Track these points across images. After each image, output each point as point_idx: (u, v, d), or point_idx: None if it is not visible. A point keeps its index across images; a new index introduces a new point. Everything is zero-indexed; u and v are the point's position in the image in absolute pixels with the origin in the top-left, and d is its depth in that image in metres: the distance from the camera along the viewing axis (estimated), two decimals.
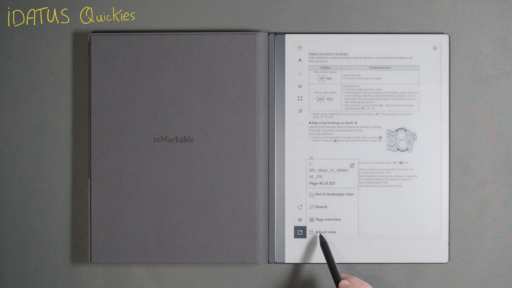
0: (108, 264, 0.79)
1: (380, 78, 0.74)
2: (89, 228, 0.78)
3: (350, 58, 0.74)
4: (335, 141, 0.76)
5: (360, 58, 0.74)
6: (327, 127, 0.76)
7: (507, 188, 0.80)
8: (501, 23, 0.81)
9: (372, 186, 0.77)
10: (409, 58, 0.77)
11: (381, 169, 0.77)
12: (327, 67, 0.73)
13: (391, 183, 0.76)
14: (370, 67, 0.74)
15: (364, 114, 0.76)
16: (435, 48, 0.78)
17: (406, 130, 0.76)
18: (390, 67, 0.75)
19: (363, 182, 0.78)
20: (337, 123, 0.75)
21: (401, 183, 0.76)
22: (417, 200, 0.77)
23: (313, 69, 0.74)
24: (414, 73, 0.77)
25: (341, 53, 0.73)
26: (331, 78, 0.73)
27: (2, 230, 0.81)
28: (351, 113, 0.76)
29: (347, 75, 0.74)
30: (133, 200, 0.78)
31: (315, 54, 0.74)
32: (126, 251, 0.78)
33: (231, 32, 0.79)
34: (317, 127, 0.76)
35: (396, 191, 0.77)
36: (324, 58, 0.74)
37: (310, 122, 0.76)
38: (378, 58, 0.75)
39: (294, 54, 0.79)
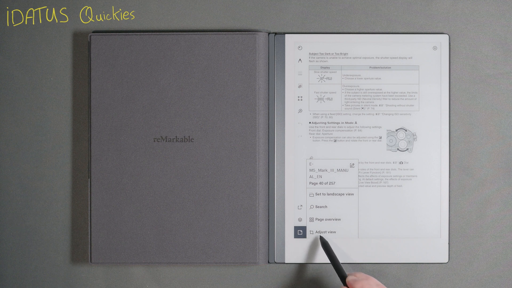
0: (108, 264, 0.79)
1: (380, 78, 0.75)
2: (89, 228, 0.78)
3: (350, 58, 0.74)
4: (335, 141, 0.76)
5: (360, 58, 0.74)
6: (327, 127, 0.76)
7: (507, 188, 0.80)
8: (501, 23, 0.81)
9: (372, 186, 0.77)
10: (409, 58, 0.77)
11: (381, 169, 0.77)
12: (327, 67, 0.73)
13: (391, 183, 0.76)
14: (370, 67, 0.74)
15: (364, 114, 0.76)
16: (435, 48, 0.78)
17: (406, 130, 0.76)
18: (390, 67, 0.76)
19: (363, 182, 0.78)
20: (337, 123, 0.75)
21: (401, 183, 0.76)
22: (417, 200, 0.77)
23: (313, 69, 0.74)
24: (414, 73, 0.77)
25: (341, 53, 0.73)
26: (331, 78, 0.73)
27: (2, 230, 0.81)
28: (351, 113, 0.76)
29: (347, 75, 0.74)
30: (133, 200, 0.78)
31: (315, 54, 0.74)
32: (126, 251, 0.78)
33: (231, 32, 0.78)
34: (317, 127, 0.76)
35: (396, 191, 0.77)
36: (324, 58, 0.74)
37: (310, 122, 0.76)
38: (378, 58, 0.75)
39: (294, 54, 0.79)
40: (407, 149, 0.76)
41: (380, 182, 0.77)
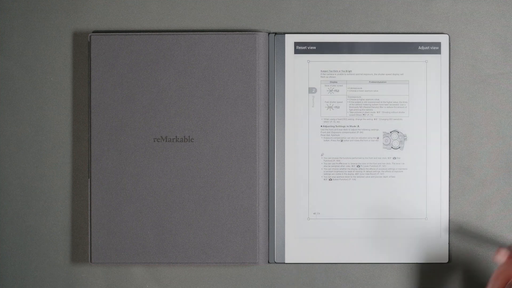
0: (108, 264, 0.79)
1: (377, 90, 0.80)
2: (89, 228, 0.78)
3: (354, 74, 0.80)
4: (342, 141, 0.80)
5: (362, 74, 0.80)
6: (335, 129, 0.80)
7: (507, 188, 0.80)
8: (501, 23, 0.81)
9: (371, 177, 0.80)
10: (400, 74, 0.80)
11: (378, 164, 0.80)
12: (335, 82, 0.80)
13: (386, 175, 0.80)
14: (369, 81, 0.80)
15: (365, 119, 0.81)
16: (426, 62, 0.80)
17: (398, 132, 0.80)
18: (385, 82, 0.80)
19: (363, 174, 0.80)
20: (343, 126, 0.81)
21: (394, 175, 0.80)
22: (407, 190, 0.80)
23: (324, 83, 0.80)
24: (404, 86, 0.80)
25: (346, 71, 0.80)
26: (338, 90, 0.80)
27: (2, 230, 0.81)
28: (354, 118, 0.81)
29: (351, 88, 0.80)
30: (133, 200, 0.78)
31: (325, 71, 0.80)
32: (126, 251, 0.78)
33: (231, 32, 0.79)
34: (327, 129, 0.80)
35: (390, 181, 0.80)
36: (333, 74, 0.80)
37: (321, 126, 0.80)
38: (376, 74, 0.80)
39: (294, 54, 0.79)
40: (399, 147, 0.80)
41: (377, 174, 0.80)
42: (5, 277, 0.81)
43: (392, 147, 0.80)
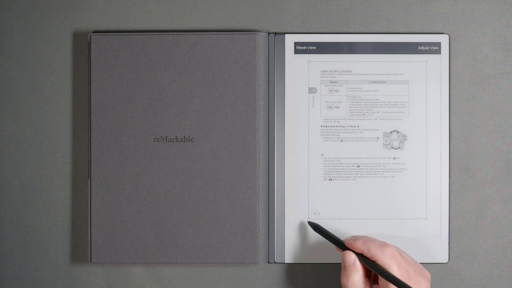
0: (108, 264, 0.79)
1: (377, 90, 0.81)
2: (89, 228, 0.78)
3: (354, 74, 0.80)
4: (342, 141, 0.80)
5: (362, 74, 0.80)
6: (335, 129, 0.80)
7: (507, 188, 0.80)
8: (501, 23, 0.81)
9: (371, 177, 0.80)
10: (401, 74, 0.80)
11: (378, 164, 0.80)
12: (335, 82, 0.80)
13: (386, 175, 0.80)
14: (369, 81, 0.80)
15: (365, 119, 0.81)
16: (426, 62, 0.80)
17: (398, 132, 0.80)
18: (385, 82, 0.80)
19: (363, 174, 0.80)
20: (343, 126, 0.81)
21: (394, 175, 0.80)
22: (408, 190, 0.80)
23: (324, 83, 0.80)
24: (404, 86, 0.81)
25: (346, 71, 0.80)
26: (338, 90, 0.80)
27: (2, 230, 0.81)
28: (354, 118, 0.81)
29: (351, 88, 0.80)
30: (133, 200, 0.78)
31: (325, 71, 0.80)
32: (126, 251, 0.78)
33: (231, 32, 0.79)
34: (327, 129, 0.80)
35: (390, 181, 0.80)
36: (333, 74, 0.80)
37: (321, 126, 0.80)
38: (376, 74, 0.80)
39: (294, 54, 0.79)
40: (399, 147, 0.80)
41: (377, 174, 0.80)
42: (5, 277, 0.81)
43: (392, 147, 0.80)
